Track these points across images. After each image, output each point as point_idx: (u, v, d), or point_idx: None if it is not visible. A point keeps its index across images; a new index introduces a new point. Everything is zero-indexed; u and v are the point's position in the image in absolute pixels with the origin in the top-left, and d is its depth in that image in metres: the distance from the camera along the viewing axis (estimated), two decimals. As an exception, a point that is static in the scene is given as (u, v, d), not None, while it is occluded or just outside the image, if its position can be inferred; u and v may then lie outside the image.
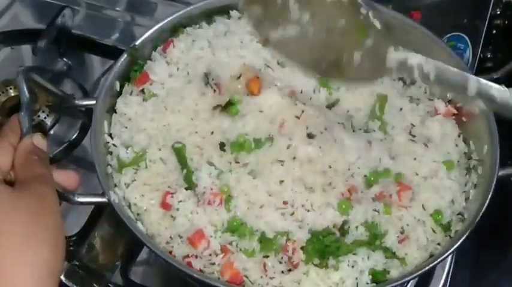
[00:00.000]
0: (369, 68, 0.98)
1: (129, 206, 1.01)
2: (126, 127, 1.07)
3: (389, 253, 0.97)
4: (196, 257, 0.95)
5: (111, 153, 1.06)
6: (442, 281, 1.11)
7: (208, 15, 1.18)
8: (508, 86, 1.16)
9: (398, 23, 1.17)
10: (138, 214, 1.01)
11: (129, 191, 1.02)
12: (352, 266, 0.94)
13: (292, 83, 1.09)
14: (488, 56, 1.40)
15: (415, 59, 0.96)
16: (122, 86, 1.12)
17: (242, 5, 1.06)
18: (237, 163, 1.01)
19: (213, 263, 0.95)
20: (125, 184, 1.02)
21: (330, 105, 1.10)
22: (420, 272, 0.95)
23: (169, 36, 1.16)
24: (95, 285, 1.11)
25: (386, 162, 1.03)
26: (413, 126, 1.09)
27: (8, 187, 0.83)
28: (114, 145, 1.05)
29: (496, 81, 1.13)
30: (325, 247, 0.94)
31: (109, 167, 1.04)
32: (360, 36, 0.98)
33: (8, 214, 0.78)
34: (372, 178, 1.01)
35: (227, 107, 1.05)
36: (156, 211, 1.00)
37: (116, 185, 1.02)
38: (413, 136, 1.08)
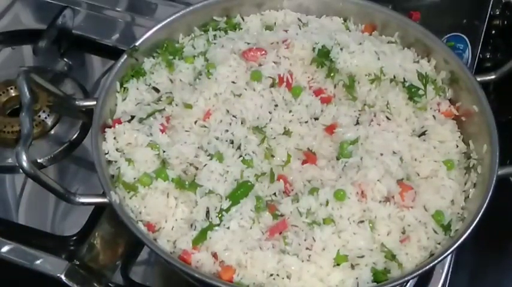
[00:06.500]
0: None
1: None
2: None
3: (390, 256, 0.96)
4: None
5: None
6: (442, 281, 1.11)
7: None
8: (507, 86, 1.16)
9: (397, 23, 1.18)
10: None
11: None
12: (353, 267, 0.94)
13: None
14: (488, 56, 1.40)
15: None
16: (121, 86, 1.13)
17: None
18: None
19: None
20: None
21: None
22: (420, 271, 0.95)
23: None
24: (95, 285, 1.11)
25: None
26: (414, 130, 1.09)
27: None
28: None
29: (495, 81, 1.14)
30: None
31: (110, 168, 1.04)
32: None
33: None
34: None
35: None
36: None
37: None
38: (418, 136, 1.08)
